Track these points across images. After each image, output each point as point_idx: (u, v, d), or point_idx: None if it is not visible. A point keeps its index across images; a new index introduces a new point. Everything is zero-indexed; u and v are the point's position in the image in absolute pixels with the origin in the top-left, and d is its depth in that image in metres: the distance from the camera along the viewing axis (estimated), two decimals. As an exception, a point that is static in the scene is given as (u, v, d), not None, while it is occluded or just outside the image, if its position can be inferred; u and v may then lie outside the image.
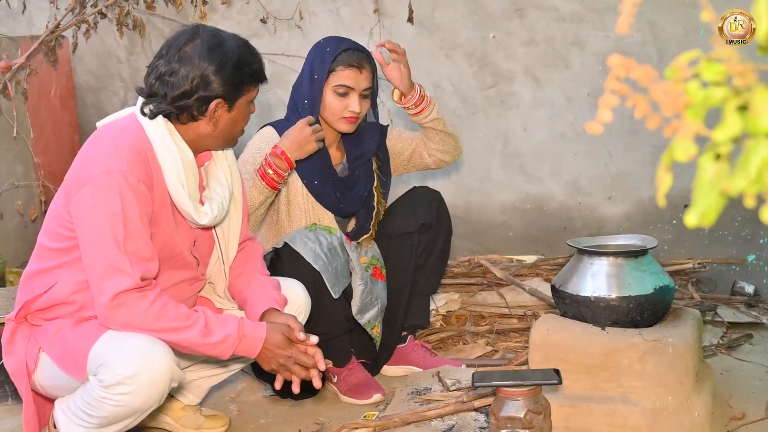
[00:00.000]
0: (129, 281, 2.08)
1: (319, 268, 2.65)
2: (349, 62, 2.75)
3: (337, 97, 2.77)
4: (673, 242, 3.66)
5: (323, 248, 2.69)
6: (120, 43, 4.30)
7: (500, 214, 3.91)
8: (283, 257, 2.70)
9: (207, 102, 2.22)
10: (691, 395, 2.30)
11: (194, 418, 2.65)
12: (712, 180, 0.89)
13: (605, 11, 3.58)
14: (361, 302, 2.79)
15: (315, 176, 2.82)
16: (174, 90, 2.20)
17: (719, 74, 0.90)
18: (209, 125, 2.26)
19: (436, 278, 3.05)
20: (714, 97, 0.90)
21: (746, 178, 0.84)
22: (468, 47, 3.84)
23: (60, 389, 2.27)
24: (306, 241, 2.69)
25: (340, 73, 2.76)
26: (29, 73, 3.86)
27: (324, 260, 2.67)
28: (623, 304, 2.35)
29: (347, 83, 2.75)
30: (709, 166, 0.90)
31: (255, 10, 4.06)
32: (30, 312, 2.29)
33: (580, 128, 3.70)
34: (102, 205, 2.10)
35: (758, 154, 0.83)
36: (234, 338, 2.17)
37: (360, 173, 2.92)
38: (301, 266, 2.65)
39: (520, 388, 2.09)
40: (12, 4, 4.27)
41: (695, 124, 0.90)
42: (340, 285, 2.71)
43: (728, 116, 0.87)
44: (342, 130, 2.82)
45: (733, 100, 0.88)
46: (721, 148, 0.89)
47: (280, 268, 2.69)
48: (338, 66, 2.76)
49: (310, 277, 2.63)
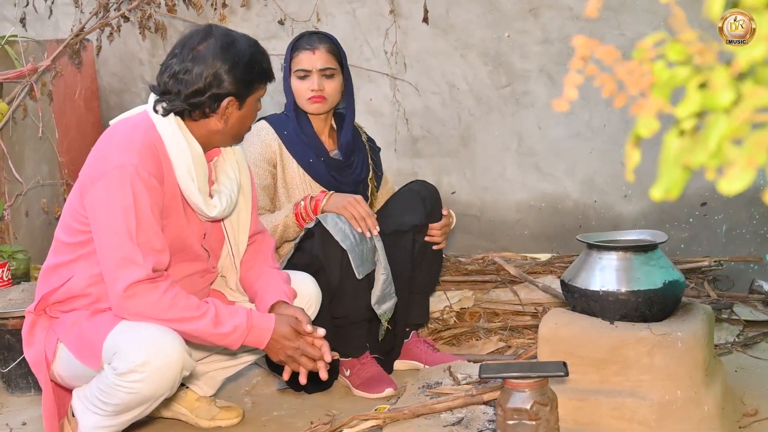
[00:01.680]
0: (141, 272, 2.13)
1: (346, 247, 2.71)
2: (303, 46, 2.93)
3: (299, 81, 2.93)
4: (690, 240, 3.65)
5: (353, 231, 2.75)
6: (142, 46, 4.36)
7: (515, 212, 3.92)
8: (316, 235, 2.76)
9: (219, 99, 2.27)
10: (700, 390, 2.28)
11: (208, 409, 2.70)
12: (676, 155, 0.91)
13: (620, 9, 3.59)
14: (381, 292, 2.83)
15: (308, 155, 2.94)
16: (188, 87, 2.26)
17: (683, 54, 0.93)
18: (220, 122, 2.31)
19: (434, 277, 3.11)
20: (679, 76, 0.93)
21: (706, 151, 0.86)
22: (483, 47, 3.86)
23: (77, 379, 2.33)
24: (337, 221, 2.75)
25: (296, 59, 2.93)
26: (55, 75, 3.92)
27: (352, 241, 2.73)
28: (632, 299, 2.35)
29: (302, 66, 2.92)
30: (674, 141, 0.92)
31: (273, 12, 4.11)
32: (48, 305, 2.35)
33: (596, 126, 3.71)
34: (115, 198, 2.16)
35: (717, 129, 0.86)
36: (243, 329, 2.22)
37: (355, 159, 3.03)
38: (330, 245, 2.72)
39: (527, 380, 2.10)
40: (39, 9, 4.34)
41: (661, 101, 0.93)
42: (365, 268, 2.76)
43: (690, 93, 0.90)
44: (311, 110, 2.95)
45: (695, 78, 0.90)
46: (684, 124, 0.91)
47: (310, 247, 2.77)
48: (295, 52, 2.94)
49: (338, 255, 2.71)
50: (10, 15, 4.39)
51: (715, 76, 0.87)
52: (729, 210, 3.61)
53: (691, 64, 0.91)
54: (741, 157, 0.82)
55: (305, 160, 2.94)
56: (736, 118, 0.84)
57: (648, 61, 0.95)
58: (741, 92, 0.85)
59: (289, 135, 2.95)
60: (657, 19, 3.51)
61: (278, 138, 2.93)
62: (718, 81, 0.86)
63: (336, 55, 2.95)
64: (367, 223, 2.76)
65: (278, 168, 2.93)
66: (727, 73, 0.86)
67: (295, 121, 2.95)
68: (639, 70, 0.95)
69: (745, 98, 0.84)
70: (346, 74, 3.00)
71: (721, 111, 0.86)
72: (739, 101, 0.85)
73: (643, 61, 0.95)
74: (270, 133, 2.94)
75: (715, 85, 0.86)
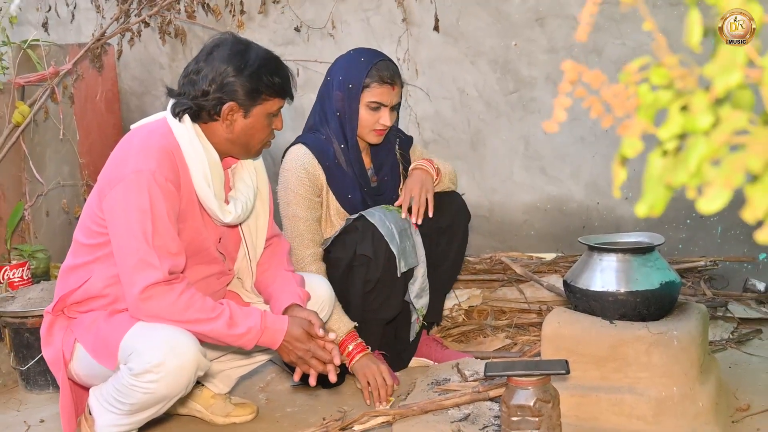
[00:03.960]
0: (158, 274, 2.15)
1: (392, 244, 2.71)
2: (383, 79, 2.79)
3: (369, 111, 2.81)
4: (687, 241, 3.68)
5: (397, 228, 2.75)
6: (162, 50, 4.40)
7: (522, 213, 3.94)
8: (360, 228, 2.75)
9: (222, 103, 2.28)
10: (695, 386, 2.33)
11: (223, 406, 2.72)
12: (659, 174, 0.96)
13: (622, 20, 3.59)
14: (420, 286, 2.86)
15: (348, 190, 2.87)
16: (195, 88, 2.28)
17: (666, 79, 0.96)
18: (224, 128, 2.31)
19: (452, 279, 3.12)
20: (662, 99, 0.96)
21: (687, 172, 0.89)
22: (491, 54, 3.88)
23: (94, 378, 2.35)
24: (383, 217, 2.75)
25: (374, 90, 2.79)
26: (76, 78, 3.97)
27: (396, 238, 2.73)
28: (631, 299, 2.40)
29: (380, 100, 2.80)
30: (657, 161, 0.96)
31: (290, 19, 4.14)
32: (66, 305, 2.37)
33: (599, 132, 3.72)
34: (132, 202, 2.17)
35: (697, 151, 0.88)
36: (257, 330, 2.23)
37: (388, 179, 2.98)
38: (375, 240, 2.71)
39: (530, 378, 2.13)
40: (61, 14, 4.38)
41: (645, 123, 0.97)
42: (407, 264, 2.77)
43: (672, 116, 0.94)
44: (371, 141, 2.88)
45: (676, 102, 0.94)
46: (667, 145, 0.95)
47: (352, 241, 2.76)
48: (373, 82, 2.79)
49: (382, 251, 2.71)
50: (33, 19, 4.44)
51: (695, 100, 0.89)
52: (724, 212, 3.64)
53: (674, 88, 0.95)
54: (719, 177, 0.84)
55: (344, 196, 2.87)
56: (715, 141, 0.86)
57: (633, 85, 0.98)
58: (719, 116, 0.87)
59: (330, 167, 2.84)
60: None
61: (322, 170, 2.83)
62: (697, 105, 0.89)
63: (403, 88, 2.90)
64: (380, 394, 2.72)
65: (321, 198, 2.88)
66: (707, 97, 0.88)
67: (341, 147, 2.85)
68: (624, 93, 0.98)
69: (723, 122, 0.87)
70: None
71: (700, 133, 0.88)
72: (717, 124, 0.87)
73: (629, 85, 0.98)
74: (315, 166, 2.82)
75: (695, 108, 0.89)
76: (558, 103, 1.00)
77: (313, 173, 2.82)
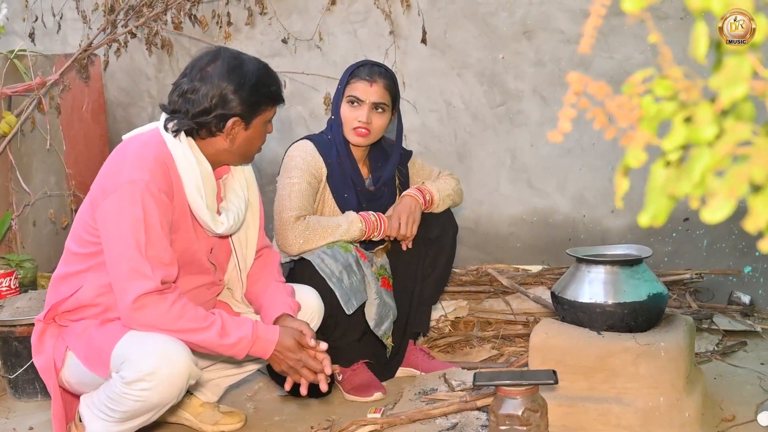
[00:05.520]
0: (150, 284, 2.15)
1: (333, 285, 2.72)
2: (362, 75, 2.91)
3: (348, 107, 2.91)
4: (673, 254, 3.71)
5: (339, 266, 2.76)
6: (149, 61, 4.39)
7: (508, 225, 3.96)
8: (301, 273, 2.77)
9: (225, 119, 2.29)
10: (682, 396, 2.36)
11: (212, 414, 2.72)
12: (662, 184, 0.96)
13: (609, 34, 3.63)
14: (377, 315, 2.86)
15: (344, 189, 2.93)
16: (195, 107, 2.28)
17: (670, 90, 0.97)
18: (226, 141, 2.33)
19: (439, 289, 3.14)
20: (666, 110, 0.97)
21: (691, 182, 0.89)
22: (479, 67, 3.90)
23: (85, 386, 2.35)
24: (323, 257, 2.76)
25: (352, 85, 2.91)
26: (63, 89, 3.95)
27: (338, 277, 2.74)
28: (618, 310, 2.43)
29: (356, 94, 2.89)
30: (660, 172, 0.97)
31: (277, 31, 4.14)
32: (58, 313, 2.37)
33: (585, 145, 3.74)
34: (126, 212, 2.18)
35: (700, 161, 0.88)
36: (248, 340, 2.24)
37: (385, 191, 3.02)
38: (316, 283, 2.72)
39: (518, 387, 2.16)
40: (48, 24, 4.36)
41: (648, 134, 0.97)
42: (356, 300, 2.77)
43: (676, 127, 0.94)
44: (353, 141, 2.92)
45: (680, 113, 0.95)
46: (670, 156, 0.96)
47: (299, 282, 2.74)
48: (352, 78, 2.92)
49: (326, 293, 2.71)
50: (20, 29, 4.42)
51: (700, 111, 0.90)
52: (710, 226, 3.71)
53: (677, 100, 0.95)
54: (723, 187, 0.85)
55: (340, 195, 2.94)
56: (719, 152, 0.86)
57: (637, 96, 0.98)
58: (723, 127, 0.88)
59: (332, 164, 2.93)
60: (645, 43, 3.56)
61: (324, 165, 2.92)
62: (702, 116, 0.89)
63: (391, 92, 2.94)
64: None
65: (318, 192, 2.94)
66: (711, 109, 0.89)
67: (337, 146, 2.94)
68: (628, 104, 0.98)
69: (727, 133, 0.87)
70: (397, 112, 3.01)
71: (704, 144, 0.89)
72: (721, 135, 0.88)
73: (633, 96, 0.99)
74: (318, 158, 2.91)
75: (700, 120, 0.89)
76: (563, 114, 1.01)
77: (316, 162, 2.91)
